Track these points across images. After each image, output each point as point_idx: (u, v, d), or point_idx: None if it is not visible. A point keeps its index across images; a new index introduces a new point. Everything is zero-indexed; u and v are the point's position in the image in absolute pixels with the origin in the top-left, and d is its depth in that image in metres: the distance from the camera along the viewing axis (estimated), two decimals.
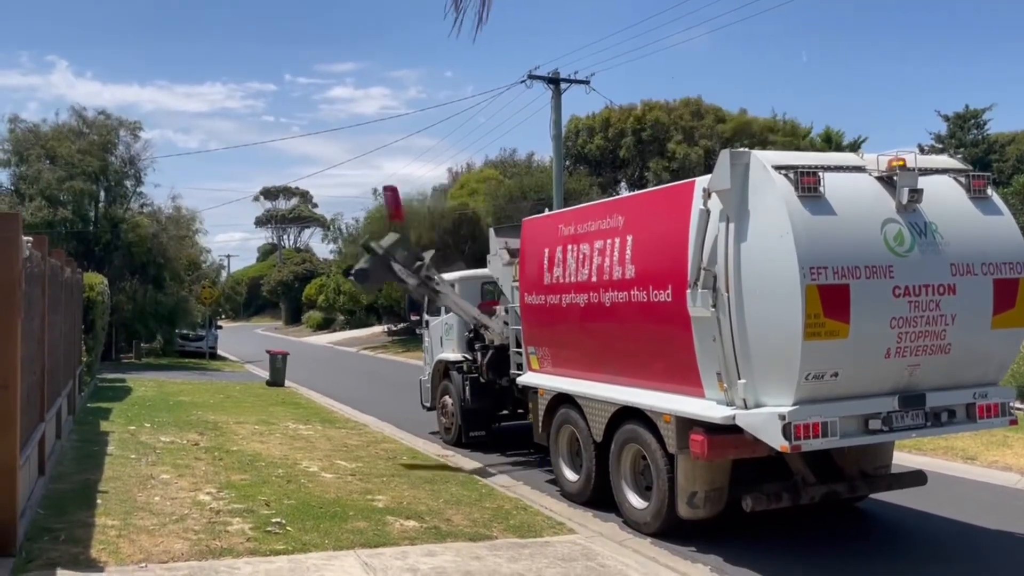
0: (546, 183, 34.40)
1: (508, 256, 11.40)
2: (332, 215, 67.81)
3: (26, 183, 29.18)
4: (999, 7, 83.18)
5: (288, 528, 7.37)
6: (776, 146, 37.83)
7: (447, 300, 12.41)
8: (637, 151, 43.67)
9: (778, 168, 6.87)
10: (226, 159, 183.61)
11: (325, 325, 62.45)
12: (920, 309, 6.91)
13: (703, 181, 7.38)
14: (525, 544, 7.35)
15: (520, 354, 10.84)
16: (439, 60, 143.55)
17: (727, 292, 7.00)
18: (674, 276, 7.56)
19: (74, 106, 36.23)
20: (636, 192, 9.47)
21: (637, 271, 8.17)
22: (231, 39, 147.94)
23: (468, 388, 12.53)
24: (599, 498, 9.01)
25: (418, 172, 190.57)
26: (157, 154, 62.29)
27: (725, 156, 7.09)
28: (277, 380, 21.90)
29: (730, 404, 7.11)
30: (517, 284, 10.82)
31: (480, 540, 7.39)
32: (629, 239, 8.32)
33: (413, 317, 16.00)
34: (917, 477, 8.57)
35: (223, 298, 38.12)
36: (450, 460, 11.60)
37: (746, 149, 7.27)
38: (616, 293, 8.45)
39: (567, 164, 40.45)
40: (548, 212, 11.19)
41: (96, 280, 20.38)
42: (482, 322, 12.27)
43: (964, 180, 7.60)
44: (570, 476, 9.65)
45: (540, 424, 10.09)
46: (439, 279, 12.27)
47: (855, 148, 43.18)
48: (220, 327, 40.76)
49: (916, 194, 7.06)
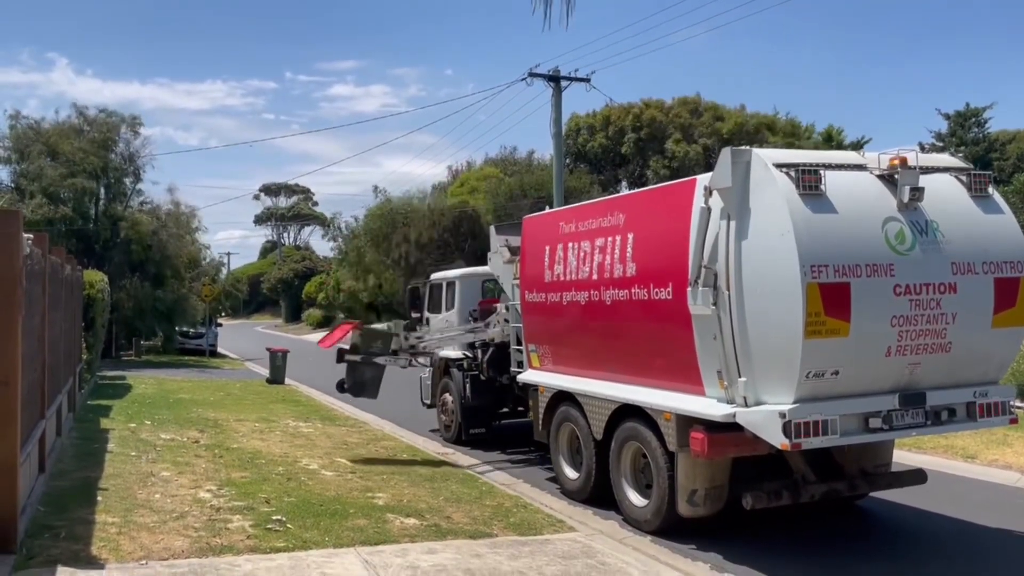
0: (546, 181, 34.39)
1: (509, 254, 11.42)
2: (332, 213, 67.85)
3: (27, 180, 29.17)
4: (1000, 5, 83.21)
5: (288, 526, 7.37)
6: (777, 144, 37.81)
7: (439, 343, 12.67)
8: (637, 149, 43.69)
9: (779, 166, 6.87)
10: (226, 157, 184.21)
11: (325, 323, 62.35)
12: (921, 308, 6.91)
13: (704, 179, 7.36)
14: (525, 542, 7.35)
15: (520, 351, 10.87)
16: (440, 58, 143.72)
17: (728, 290, 7.00)
18: (675, 274, 7.56)
19: (75, 103, 36.30)
20: (637, 190, 9.50)
21: (638, 269, 8.17)
22: (232, 37, 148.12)
23: (468, 385, 12.55)
24: (599, 496, 9.01)
25: (418, 170, 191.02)
26: (157, 151, 62.12)
27: (726, 154, 7.08)
28: (277, 378, 21.91)
29: (730, 402, 7.11)
30: (518, 282, 10.84)
31: (480, 538, 7.40)
32: (630, 237, 8.32)
33: (413, 314, 15.87)
34: (917, 476, 8.57)
35: (223, 296, 38.09)
36: (450, 458, 11.60)
37: (747, 147, 7.24)
38: (617, 291, 8.44)
39: (567, 162, 40.46)
40: (549, 210, 11.17)
41: (96, 277, 20.38)
42: (481, 338, 12.37)
43: (965, 179, 7.60)
44: (570, 474, 9.66)
45: (540, 422, 10.12)
46: (417, 336, 12.48)
47: (857, 147, 43.12)
48: (220, 325, 40.75)
49: (917, 192, 7.05)
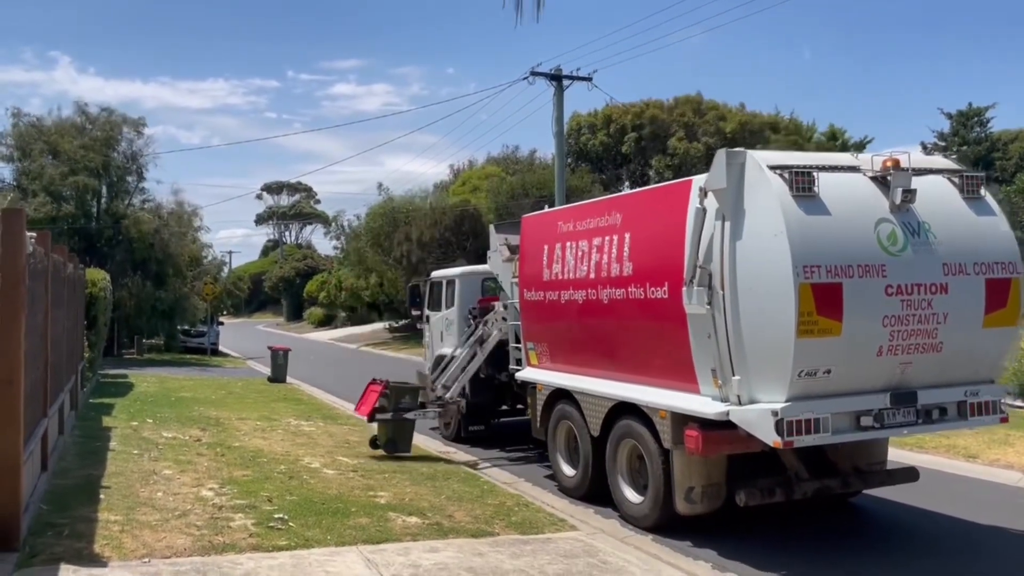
0: (548, 180, 34.35)
1: (508, 252, 11.45)
2: (334, 212, 67.77)
3: (29, 178, 29.18)
4: (1003, 5, 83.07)
5: (290, 524, 7.38)
6: (779, 144, 37.79)
7: (459, 386, 12.41)
8: (639, 148, 43.66)
9: (773, 168, 6.94)
10: (228, 155, 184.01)
11: (327, 321, 62.48)
12: (912, 308, 6.99)
13: (700, 180, 7.43)
14: (527, 540, 7.36)
15: (519, 349, 10.92)
16: (442, 57, 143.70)
17: (722, 290, 7.07)
18: (670, 273, 7.63)
19: (76, 101, 36.26)
20: (634, 190, 9.56)
21: (634, 268, 8.24)
22: (234, 36, 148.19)
23: (468, 384, 12.54)
24: (596, 493, 9.07)
25: (420, 169, 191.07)
26: (159, 150, 62.29)
27: (721, 155, 7.15)
28: (279, 376, 21.91)
29: (724, 400, 7.18)
30: (516, 280, 10.88)
31: (482, 536, 7.41)
32: (627, 236, 8.39)
33: (414, 312, 15.85)
34: (909, 473, 8.61)
35: (225, 294, 38.12)
36: (451, 456, 11.60)
37: (742, 149, 7.32)
38: (614, 290, 8.51)
39: (569, 161, 40.42)
40: (548, 209, 11.21)
41: (99, 276, 20.42)
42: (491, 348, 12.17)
43: (958, 180, 7.67)
44: (567, 471, 9.73)
45: (538, 419, 10.18)
46: (444, 386, 12.35)
47: (860, 147, 43.22)
48: (222, 323, 40.81)
49: (909, 194, 7.12)
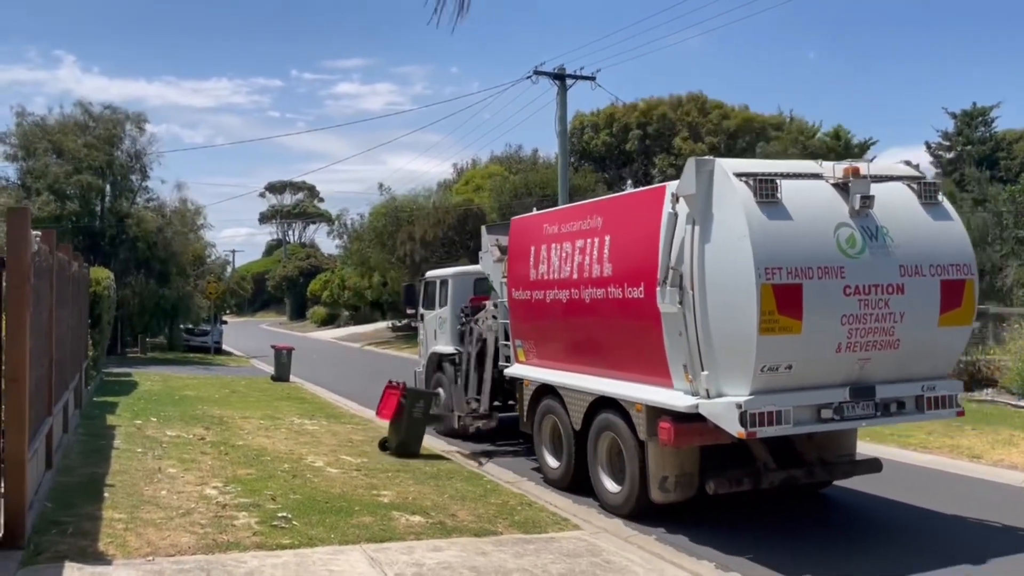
0: (551, 179, 34.38)
1: (499, 253, 11.72)
2: (337, 211, 67.72)
3: (33, 177, 29.19)
4: (1007, 4, 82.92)
5: (294, 522, 7.40)
6: (783, 143, 37.79)
7: (477, 382, 12.42)
8: (642, 147, 43.67)
9: (739, 175, 7.31)
10: (232, 154, 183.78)
11: (330, 320, 62.55)
12: (870, 307, 7.33)
13: (673, 186, 7.78)
14: (530, 540, 7.37)
15: (508, 347, 11.22)
16: (445, 56, 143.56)
17: (692, 290, 7.44)
18: (646, 274, 7.97)
19: (80, 100, 36.29)
20: (614, 195, 10.14)
21: (614, 269, 8.60)
22: (238, 35, 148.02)
23: (459, 378, 12.74)
24: (578, 483, 9.39)
25: (424, 168, 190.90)
26: (163, 149, 62.40)
27: (691, 163, 7.51)
28: (282, 375, 21.94)
29: (695, 394, 7.54)
30: (506, 280, 11.18)
31: (485, 536, 7.42)
32: (607, 239, 8.76)
33: (409, 311, 16.04)
34: (873, 464, 8.90)
35: (228, 293, 38.15)
36: (455, 456, 11.62)
37: (711, 157, 7.66)
38: (595, 290, 8.89)
39: (572, 160, 40.45)
40: (536, 211, 11.53)
41: (103, 274, 20.44)
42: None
43: (916, 187, 8.03)
44: (552, 463, 10.04)
45: (525, 413, 10.50)
46: (473, 398, 12.36)
47: (864, 147, 43.24)
48: (225, 322, 40.83)
49: (868, 200, 7.48)
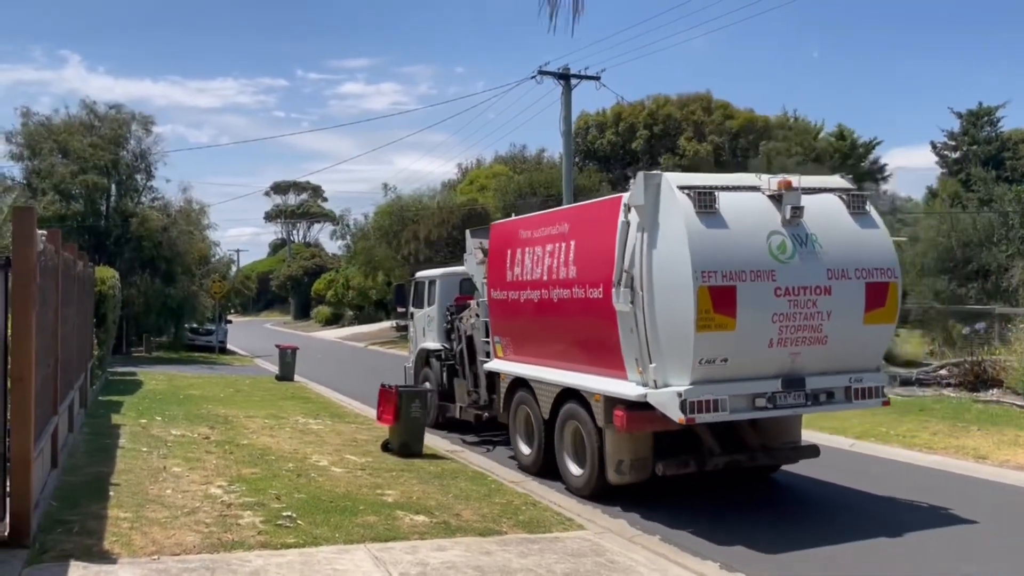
0: (556, 179, 34.37)
1: (481, 255, 12.38)
2: (341, 210, 67.72)
3: (38, 177, 29.26)
4: (1013, 3, 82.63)
5: (299, 522, 7.41)
6: (788, 142, 37.76)
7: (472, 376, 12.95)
8: (648, 147, 43.60)
9: (682, 188, 8.07)
10: (237, 154, 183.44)
11: (334, 320, 62.59)
12: (799, 307, 8.07)
13: (626, 197, 8.52)
14: (534, 540, 7.37)
15: (488, 343, 11.90)
16: (450, 56, 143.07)
17: (642, 291, 8.21)
18: (604, 277, 8.69)
19: (85, 100, 36.32)
20: (578, 204, 10.96)
21: (577, 272, 9.38)
22: (243, 35, 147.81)
23: (445, 374, 13.68)
24: (547, 468, 10.09)
25: (428, 167, 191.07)
26: (168, 148, 62.43)
27: (640, 177, 8.30)
28: (286, 374, 21.98)
29: (645, 385, 8.29)
30: (486, 280, 11.83)
31: (490, 535, 7.42)
32: (572, 244, 9.56)
33: (399, 309, 16.88)
34: (811, 450, 9.68)
35: (233, 293, 38.23)
36: (459, 455, 11.63)
37: (658, 172, 8.48)
38: (561, 290, 9.67)
39: (577, 160, 40.40)
40: (514, 217, 12.26)
41: (108, 274, 20.48)
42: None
43: (846, 198, 8.75)
44: (525, 450, 10.77)
45: (502, 404, 11.30)
46: (469, 391, 12.89)
47: (869, 147, 43.21)
48: (230, 322, 40.89)
49: (798, 210, 8.21)
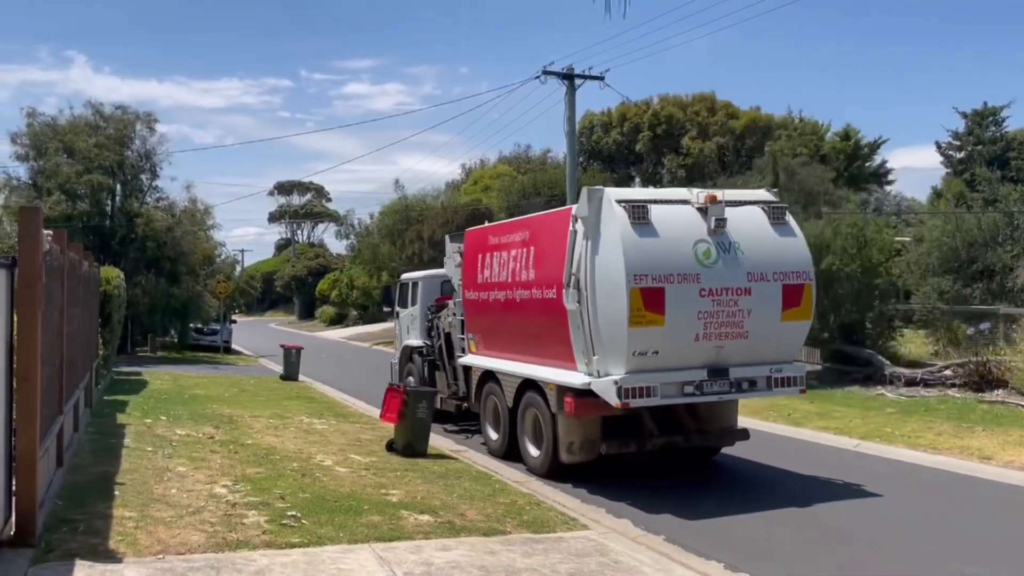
0: (560, 179, 34.37)
1: (459, 258, 13.19)
2: (346, 210, 67.75)
3: (44, 177, 29.30)
4: (1018, 3, 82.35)
5: (303, 521, 7.42)
6: (792, 143, 37.73)
7: (451, 370, 13.86)
8: (652, 146, 43.58)
9: (619, 201, 9.14)
10: (242, 154, 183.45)
11: (338, 320, 62.57)
12: (722, 306, 9.16)
13: (575, 209, 9.58)
14: (539, 539, 7.38)
15: (463, 340, 12.89)
16: (455, 56, 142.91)
17: (586, 291, 9.30)
18: (557, 279, 9.78)
19: (90, 100, 36.41)
20: (539, 213, 11.72)
21: (536, 275, 10.48)
22: (248, 35, 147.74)
23: (427, 368, 14.67)
24: (511, 451, 11.17)
25: (432, 167, 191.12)
26: (173, 148, 62.33)
27: (585, 191, 9.38)
28: (291, 374, 22.00)
29: (590, 375, 9.40)
30: (462, 282, 12.77)
31: (494, 535, 7.43)
32: (532, 249, 10.66)
33: (385, 309, 17.66)
34: (742, 434, 10.69)
35: (237, 292, 38.23)
36: (463, 455, 11.64)
37: (600, 187, 9.62)
38: (523, 291, 10.78)
39: (581, 160, 40.39)
40: (487, 224, 13.14)
41: (113, 274, 20.51)
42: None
43: (768, 210, 9.83)
44: (493, 436, 11.87)
45: (473, 395, 12.40)
46: (450, 383, 13.85)
47: (874, 147, 43.20)
48: (234, 321, 40.93)
49: (722, 222, 9.31)
